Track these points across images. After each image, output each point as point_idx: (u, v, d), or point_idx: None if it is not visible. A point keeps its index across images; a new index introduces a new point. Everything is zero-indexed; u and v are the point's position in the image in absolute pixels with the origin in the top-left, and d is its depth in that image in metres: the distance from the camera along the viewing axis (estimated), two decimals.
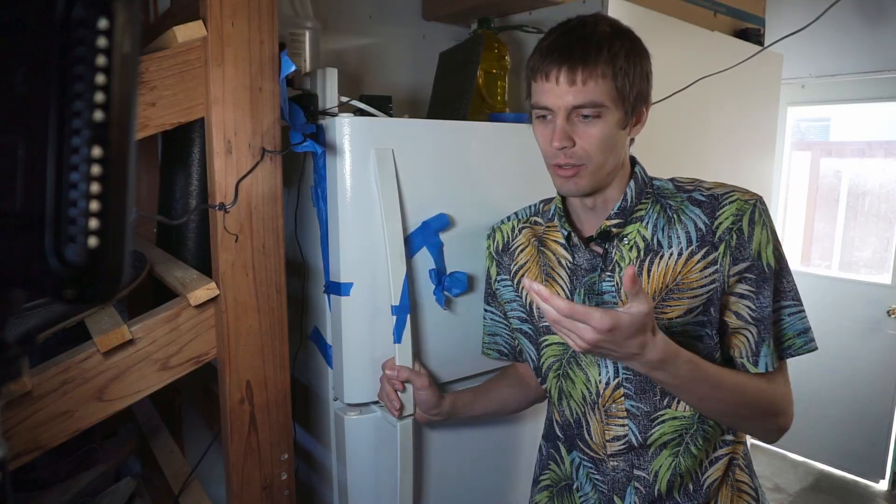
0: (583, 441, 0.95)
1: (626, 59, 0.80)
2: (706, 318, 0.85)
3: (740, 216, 0.83)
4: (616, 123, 0.82)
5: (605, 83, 0.79)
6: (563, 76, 0.79)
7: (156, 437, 1.29)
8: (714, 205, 0.85)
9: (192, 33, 0.84)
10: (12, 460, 0.75)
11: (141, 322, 0.86)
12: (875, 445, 2.81)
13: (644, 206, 0.89)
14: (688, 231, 0.86)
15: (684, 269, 0.85)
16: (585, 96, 0.79)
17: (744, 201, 0.84)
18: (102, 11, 0.26)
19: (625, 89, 0.80)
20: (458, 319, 1.15)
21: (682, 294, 0.85)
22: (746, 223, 0.83)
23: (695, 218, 0.85)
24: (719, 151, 2.00)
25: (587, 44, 0.79)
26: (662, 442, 0.89)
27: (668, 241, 0.86)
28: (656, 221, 0.88)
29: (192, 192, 1.09)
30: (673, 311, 0.86)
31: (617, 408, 0.90)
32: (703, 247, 0.85)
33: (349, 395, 1.07)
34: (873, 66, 2.70)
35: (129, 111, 0.28)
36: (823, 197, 3.11)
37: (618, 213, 0.88)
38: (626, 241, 0.88)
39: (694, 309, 0.85)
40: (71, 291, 0.27)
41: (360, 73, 1.67)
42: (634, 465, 0.90)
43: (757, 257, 0.83)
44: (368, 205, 1.03)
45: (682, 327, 0.86)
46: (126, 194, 0.28)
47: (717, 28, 1.98)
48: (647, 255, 0.87)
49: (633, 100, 0.82)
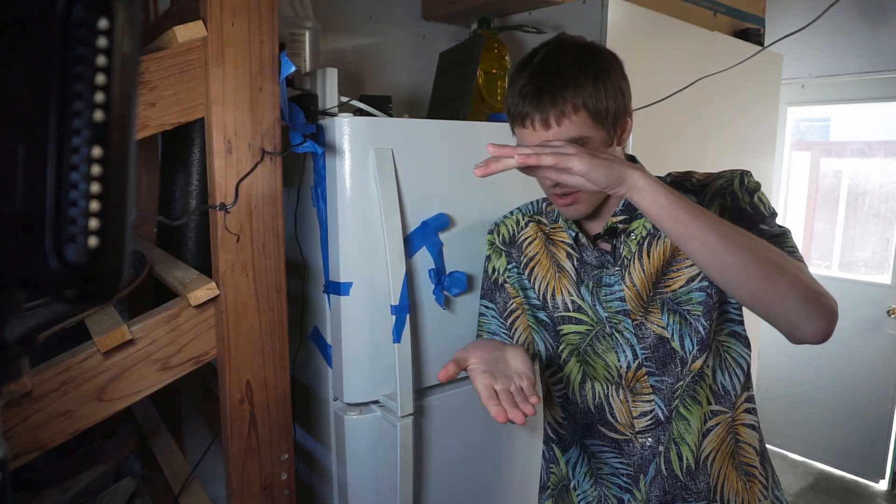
0: (606, 425, 0.95)
1: (594, 85, 0.81)
2: (708, 281, 0.88)
3: (730, 182, 0.88)
4: (600, 144, 0.83)
5: (578, 117, 0.81)
6: (538, 122, 0.82)
7: (156, 437, 1.29)
8: (704, 186, 0.90)
9: (192, 33, 0.84)
10: (12, 460, 0.75)
11: (141, 322, 0.86)
12: (875, 445, 2.81)
13: None
14: None
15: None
16: (563, 135, 0.81)
17: (730, 173, 0.89)
18: (102, 11, 0.26)
19: (600, 114, 0.82)
20: (458, 319, 1.15)
21: (680, 265, 0.89)
22: (738, 185, 0.88)
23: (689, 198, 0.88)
24: (719, 151, 2.00)
25: (552, 84, 0.80)
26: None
27: None
28: None
29: (192, 193, 1.09)
30: (675, 282, 0.89)
31: (642, 385, 0.92)
32: None
33: (349, 395, 1.07)
34: (873, 66, 2.70)
35: (129, 111, 0.28)
36: (823, 197, 3.11)
37: (623, 210, 0.90)
38: (633, 236, 0.91)
39: (694, 276, 0.88)
40: (71, 291, 0.27)
41: (360, 73, 1.67)
42: (661, 440, 0.92)
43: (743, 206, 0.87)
44: (368, 205, 1.03)
45: (687, 296, 0.89)
46: (126, 194, 0.28)
47: (717, 28, 1.98)
48: (646, 240, 0.91)
49: (612, 118, 0.83)
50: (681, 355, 0.90)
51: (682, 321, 0.89)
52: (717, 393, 0.93)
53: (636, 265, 0.91)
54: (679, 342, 0.90)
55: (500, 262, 1.04)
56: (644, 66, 1.69)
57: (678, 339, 0.90)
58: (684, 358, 0.90)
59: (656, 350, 0.90)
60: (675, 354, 0.90)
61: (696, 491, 0.91)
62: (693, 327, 0.89)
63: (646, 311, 0.90)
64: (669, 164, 1.81)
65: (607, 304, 0.92)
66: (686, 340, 0.89)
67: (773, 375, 3.01)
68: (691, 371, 0.90)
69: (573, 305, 0.95)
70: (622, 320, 0.92)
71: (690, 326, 0.89)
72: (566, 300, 0.96)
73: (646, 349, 0.91)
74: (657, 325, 0.90)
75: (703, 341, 0.89)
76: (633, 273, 0.91)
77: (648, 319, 0.90)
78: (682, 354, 0.89)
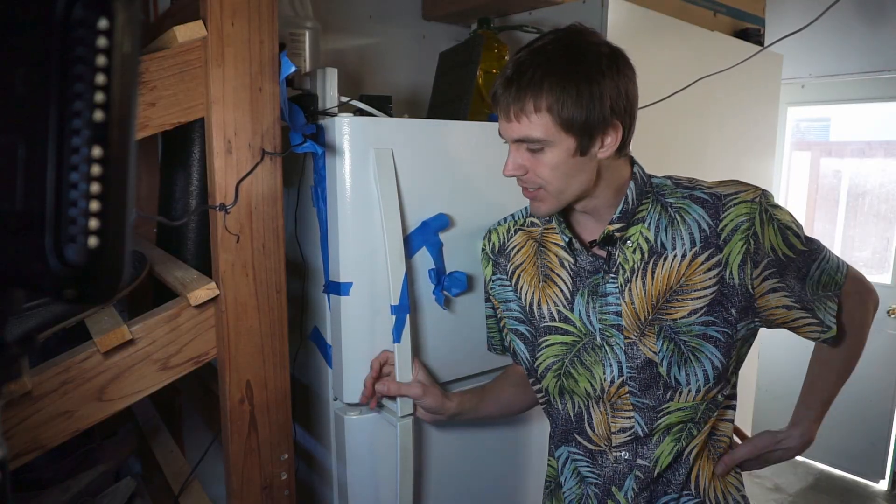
0: (582, 434, 0.95)
1: (561, 90, 0.77)
2: (714, 317, 0.86)
3: (751, 219, 0.84)
4: (567, 152, 0.81)
5: (539, 118, 0.79)
6: (502, 114, 0.82)
7: (156, 437, 1.29)
8: (718, 205, 0.86)
9: (192, 33, 0.84)
10: (12, 460, 0.75)
11: (141, 322, 0.86)
12: (875, 445, 2.81)
13: (645, 207, 0.89)
14: (691, 232, 0.86)
15: (688, 271, 0.86)
16: (521, 132, 0.81)
17: (749, 202, 0.84)
18: (102, 11, 0.26)
19: (566, 119, 0.78)
20: (458, 319, 1.15)
21: (686, 295, 0.86)
22: (759, 227, 0.84)
23: (698, 219, 0.86)
24: (719, 151, 2.00)
25: (522, 79, 0.79)
26: (666, 428, 0.90)
27: (672, 243, 0.87)
28: (658, 222, 0.88)
29: (192, 192, 1.09)
30: (677, 311, 0.87)
31: (622, 402, 0.91)
32: (707, 248, 0.85)
33: (349, 395, 1.07)
34: (873, 66, 2.70)
35: (129, 111, 0.28)
36: (823, 197, 3.11)
37: (620, 217, 0.88)
38: (629, 244, 0.89)
39: (698, 310, 0.86)
40: (71, 291, 0.27)
41: (360, 73, 1.67)
42: (638, 454, 0.91)
43: (772, 252, 0.85)
44: (368, 205, 1.03)
45: (688, 328, 0.87)
46: (126, 194, 0.28)
47: (717, 28, 1.98)
48: (651, 257, 0.88)
49: (583, 127, 0.79)
50: (665, 380, 0.88)
51: (676, 350, 0.87)
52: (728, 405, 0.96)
53: (638, 283, 0.88)
54: (667, 369, 0.88)
55: (488, 270, 1.05)
56: (644, 66, 1.69)
57: (667, 365, 0.88)
58: (668, 383, 0.88)
59: (642, 372, 0.89)
60: (660, 379, 0.88)
61: (676, 483, 0.92)
62: (685, 357, 0.87)
63: (641, 332, 0.88)
64: (669, 164, 1.82)
65: (602, 316, 0.90)
66: (674, 368, 0.88)
67: (773, 375, 3.01)
68: (704, 400, 0.89)
69: (559, 316, 0.94)
70: (615, 335, 0.90)
71: (682, 357, 0.87)
72: (552, 310, 0.95)
73: (632, 369, 0.89)
74: (649, 349, 0.88)
75: (719, 375, 0.88)
76: (633, 291, 0.88)
77: (642, 341, 0.88)
78: (667, 380, 0.88)
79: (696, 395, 0.88)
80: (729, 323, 0.86)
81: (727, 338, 0.87)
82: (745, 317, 0.86)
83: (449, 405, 1.04)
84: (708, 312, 0.86)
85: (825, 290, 0.88)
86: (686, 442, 0.90)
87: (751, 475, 2.71)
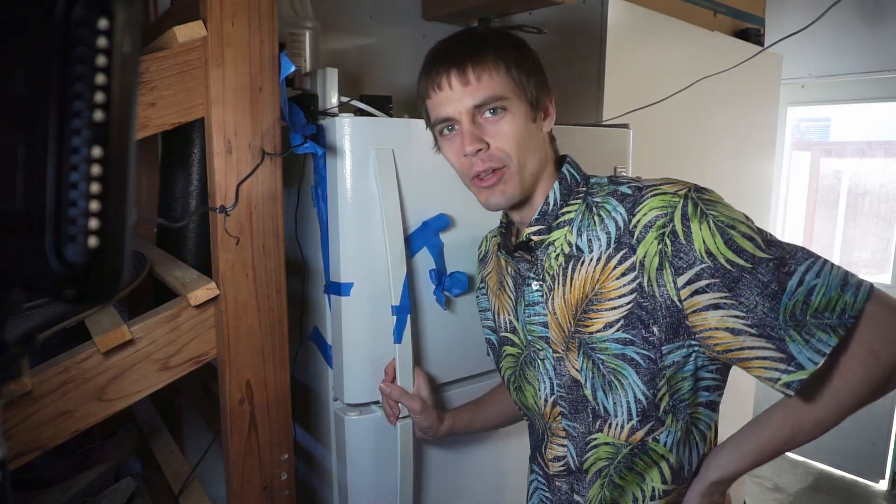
0: (540, 455, 0.89)
1: (514, 50, 0.77)
2: (632, 335, 0.72)
3: (668, 214, 0.68)
4: (524, 117, 0.76)
5: (499, 76, 0.75)
6: (455, 79, 0.75)
7: (156, 437, 1.29)
8: (636, 198, 0.72)
9: (192, 33, 0.84)
10: (12, 460, 0.75)
11: (141, 322, 0.86)
12: (875, 445, 2.81)
13: (573, 208, 0.79)
14: (608, 231, 0.74)
15: (602, 276, 0.74)
16: (483, 92, 0.74)
17: (671, 194, 0.69)
18: (102, 11, 0.26)
19: (521, 80, 0.76)
20: (459, 320, 1.15)
21: (601, 305, 0.74)
22: (679, 222, 0.67)
23: (615, 215, 0.74)
24: (719, 151, 2.00)
25: (470, 43, 0.76)
26: (597, 469, 0.79)
27: (589, 245, 0.76)
28: (580, 223, 0.78)
29: (192, 193, 1.09)
30: (592, 324, 0.74)
31: (557, 426, 0.83)
32: (620, 249, 0.72)
33: (349, 396, 1.07)
34: (873, 66, 2.71)
35: (129, 111, 0.28)
36: (823, 197, 3.11)
37: (538, 220, 0.79)
38: (551, 249, 0.79)
39: (613, 323, 0.72)
40: (71, 291, 0.27)
41: (360, 73, 1.67)
42: (574, 489, 0.83)
43: (707, 257, 0.66)
44: (369, 205, 1.03)
45: (603, 344, 0.74)
46: (126, 194, 0.28)
47: (717, 28, 1.98)
48: (569, 262, 0.77)
49: (534, 90, 0.77)
50: (592, 406, 0.77)
51: (595, 370, 0.76)
52: (675, 471, 0.76)
53: (559, 291, 0.78)
54: (591, 392, 0.77)
55: (478, 278, 1.05)
56: (644, 66, 1.69)
57: (591, 388, 0.77)
58: (596, 410, 0.77)
59: (570, 392, 0.79)
60: (588, 404, 0.78)
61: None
62: (608, 380, 0.75)
63: (566, 346, 0.78)
64: (669, 164, 1.82)
65: (530, 327, 0.83)
66: (599, 393, 0.76)
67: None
68: (629, 442, 0.75)
69: (509, 326, 0.89)
70: (544, 348, 0.82)
71: (604, 379, 0.75)
72: (506, 319, 0.90)
73: (561, 387, 0.80)
74: (573, 367, 0.78)
75: (644, 412, 0.73)
76: (555, 300, 0.79)
77: (568, 357, 0.79)
78: (595, 406, 0.77)
79: (621, 432, 0.75)
80: (651, 344, 0.71)
81: (649, 363, 0.71)
82: (672, 338, 0.70)
83: (440, 429, 1.03)
84: (625, 328, 0.72)
85: (822, 316, 0.64)
86: (612, 493, 0.77)
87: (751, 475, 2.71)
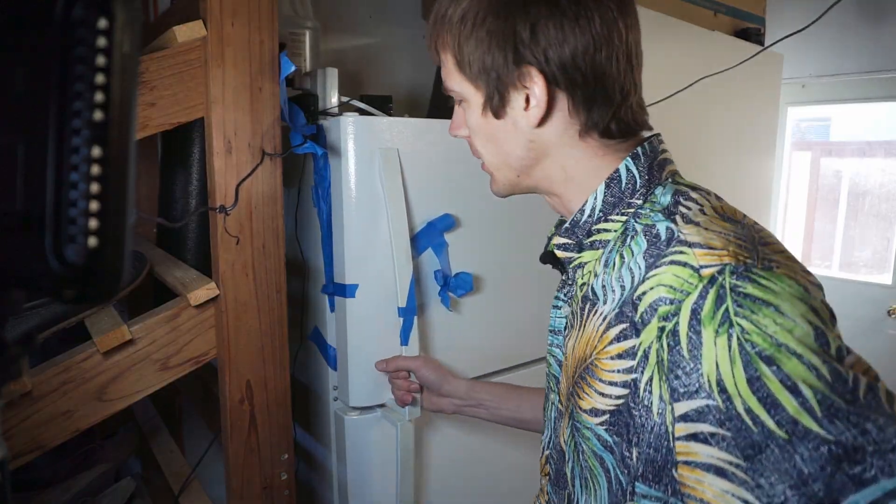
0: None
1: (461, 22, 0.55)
2: (614, 443, 0.51)
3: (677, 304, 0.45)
4: (479, 109, 0.59)
5: (446, 57, 0.59)
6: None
7: (156, 437, 1.29)
8: (661, 252, 0.49)
9: (192, 33, 0.84)
10: (12, 460, 0.75)
11: (141, 322, 0.86)
12: None
13: (614, 227, 0.57)
14: (622, 284, 0.52)
15: (599, 345, 0.53)
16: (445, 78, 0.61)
17: (693, 269, 0.45)
18: (102, 11, 0.26)
19: (464, 65, 0.57)
20: (464, 320, 1.15)
21: (594, 381, 0.53)
22: (685, 321, 0.44)
23: (633, 267, 0.51)
24: (719, 151, 2.00)
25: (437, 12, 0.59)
26: None
27: (603, 293, 0.54)
28: (609, 255, 0.56)
29: (192, 192, 1.09)
30: (584, 398, 0.55)
31: (544, 482, 0.69)
32: (621, 320, 0.50)
33: (355, 399, 1.07)
34: (874, 65, 2.70)
35: (129, 111, 0.28)
36: (823, 197, 3.11)
37: (567, 231, 0.60)
38: (579, 274, 0.60)
39: (600, 413, 0.52)
40: (71, 291, 0.27)
41: (360, 73, 1.67)
42: None
43: (718, 392, 0.42)
44: (373, 205, 1.02)
45: (587, 431, 0.54)
46: (126, 194, 0.28)
47: (717, 28, 1.98)
48: (586, 303, 0.57)
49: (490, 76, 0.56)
50: (569, 491, 0.60)
51: (576, 456, 0.58)
52: None
53: (575, 333, 0.59)
54: (571, 475, 0.60)
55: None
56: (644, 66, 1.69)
57: (570, 470, 0.60)
58: (571, 498, 0.60)
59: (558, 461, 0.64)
60: (566, 487, 0.61)
61: None
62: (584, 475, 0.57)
63: (566, 405, 0.60)
64: None
65: (549, 357, 0.67)
66: (577, 482, 0.58)
67: None
68: None
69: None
70: (555, 390, 0.65)
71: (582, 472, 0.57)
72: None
73: (553, 449, 0.66)
74: (563, 434, 0.61)
75: None
76: (570, 341, 0.59)
77: (564, 418, 0.61)
78: (571, 493, 0.60)
79: None
80: (625, 466, 0.51)
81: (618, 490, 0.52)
82: (651, 481, 0.48)
83: (452, 383, 0.91)
84: (610, 428, 0.51)
85: None
86: None
87: None
